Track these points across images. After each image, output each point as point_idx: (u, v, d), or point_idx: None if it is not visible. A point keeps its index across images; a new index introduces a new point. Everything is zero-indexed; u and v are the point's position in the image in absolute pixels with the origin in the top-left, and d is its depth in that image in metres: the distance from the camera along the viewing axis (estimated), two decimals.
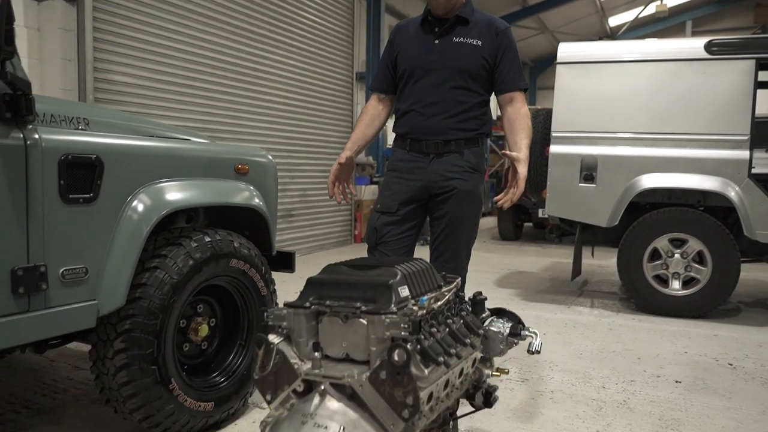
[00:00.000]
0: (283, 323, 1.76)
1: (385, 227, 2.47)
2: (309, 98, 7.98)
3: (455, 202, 2.42)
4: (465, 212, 2.45)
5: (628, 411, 2.72)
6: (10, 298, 1.79)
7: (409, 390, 1.52)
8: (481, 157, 2.48)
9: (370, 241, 2.53)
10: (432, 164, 2.43)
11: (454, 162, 2.41)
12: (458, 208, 2.43)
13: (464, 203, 2.43)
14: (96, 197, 2.02)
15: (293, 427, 1.56)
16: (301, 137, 7.76)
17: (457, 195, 2.42)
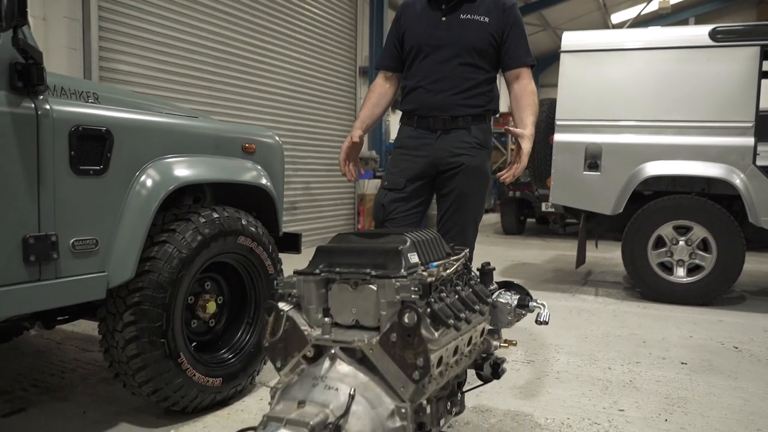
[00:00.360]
0: (293, 290, 1.77)
1: (393, 204, 2.48)
2: (312, 92, 7.99)
3: (462, 178, 2.43)
4: (472, 188, 2.45)
5: (635, 390, 2.72)
6: (21, 266, 1.80)
7: (419, 352, 1.53)
8: (488, 134, 2.49)
9: (377, 217, 2.54)
10: (439, 141, 2.44)
11: (462, 138, 2.42)
12: (466, 184, 2.44)
13: (471, 179, 2.44)
14: (106, 169, 2.03)
15: (304, 389, 1.57)
16: (305, 130, 7.77)
17: (465, 171, 2.43)
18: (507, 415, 2.42)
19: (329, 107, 8.49)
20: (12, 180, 1.78)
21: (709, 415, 2.45)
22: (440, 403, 1.87)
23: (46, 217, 1.86)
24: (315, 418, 1.44)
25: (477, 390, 2.65)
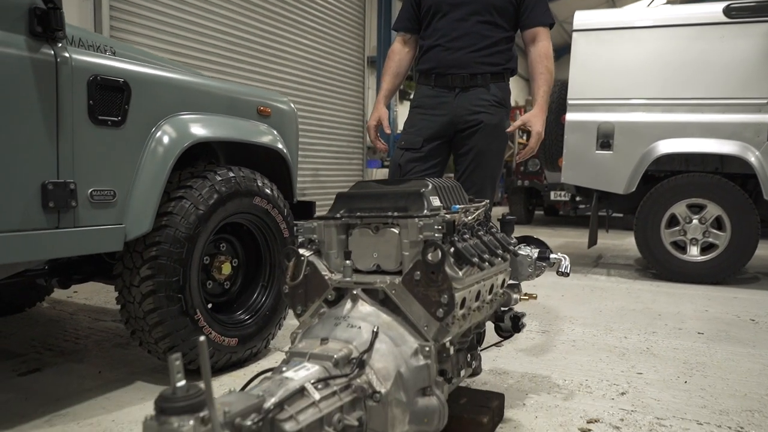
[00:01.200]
0: (313, 236, 1.76)
1: (409, 164, 2.46)
2: (321, 80, 7.98)
3: (481, 136, 2.42)
4: (491, 147, 2.44)
5: (652, 356, 2.69)
6: (40, 212, 1.79)
7: (443, 289, 1.51)
8: (507, 92, 2.48)
9: (394, 177, 2.52)
10: (458, 99, 2.42)
11: (480, 96, 2.41)
12: (484, 143, 2.43)
13: (490, 137, 2.42)
14: (123, 121, 2.02)
15: (326, 329, 1.55)
16: (313, 118, 7.76)
17: (484, 129, 2.41)
18: (524, 377, 2.39)
19: (338, 95, 8.48)
20: (31, 125, 1.77)
21: (729, 378, 2.42)
22: (460, 355, 1.86)
23: (64, 164, 1.85)
24: (339, 353, 1.42)
25: (493, 354, 2.65)
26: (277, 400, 1.21)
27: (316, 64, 7.81)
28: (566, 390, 2.26)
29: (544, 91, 2.46)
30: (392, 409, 1.42)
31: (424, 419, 1.47)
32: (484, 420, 1.78)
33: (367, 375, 1.42)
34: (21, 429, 1.88)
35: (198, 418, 1.03)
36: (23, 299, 3.30)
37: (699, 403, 2.15)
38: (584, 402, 2.14)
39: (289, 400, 1.23)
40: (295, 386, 1.27)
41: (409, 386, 1.46)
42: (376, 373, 1.43)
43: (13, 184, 1.72)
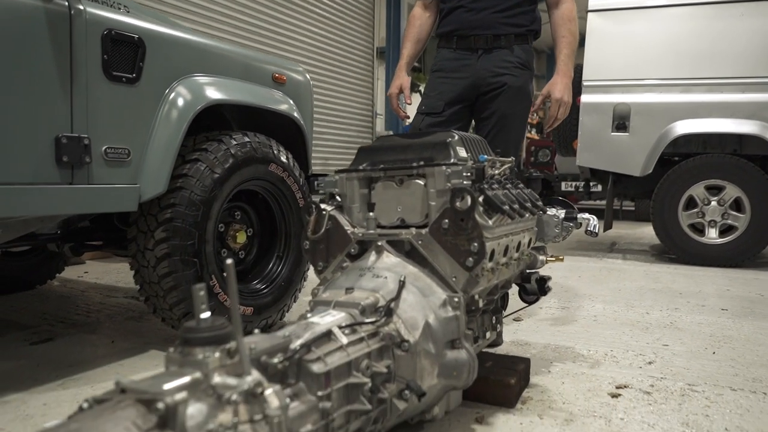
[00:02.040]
0: (335, 189, 1.70)
1: (430, 128, 2.40)
2: (330, 69, 7.92)
3: (505, 99, 2.35)
4: (515, 110, 2.37)
5: (677, 330, 2.62)
6: (54, 166, 1.74)
7: (473, 237, 1.45)
8: (530, 55, 2.41)
9: None
10: (480, 61, 2.35)
11: (504, 57, 2.34)
12: (508, 106, 2.35)
13: (514, 100, 2.35)
14: (138, 79, 1.97)
15: (350, 279, 1.50)
16: (323, 106, 7.70)
17: (507, 92, 2.34)
18: (547, 348, 2.33)
19: (347, 85, 8.41)
20: (45, 78, 1.72)
21: (759, 350, 2.34)
22: (486, 317, 1.80)
23: (78, 119, 1.80)
24: (365, 300, 1.37)
25: (513, 327, 2.59)
26: (303, 341, 1.16)
27: (325, 54, 7.75)
28: (591, 359, 2.19)
29: (566, 55, 2.38)
30: (421, 359, 1.36)
31: (453, 372, 1.41)
32: (511, 381, 1.72)
33: (395, 324, 1.36)
34: (34, 391, 1.83)
35: (224, 350, 0.97)
36: (33, 276, 3.26)
37: (730, 372, 2.08)
38: (611, 370, 2.08)
39: (316, 342, 1.18)
40: (321, 330, 1.22)
41: (438, 338, 1.40)
42: (404, 322, 1.37)
43: (27, 136, 1.68)
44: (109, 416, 0.82)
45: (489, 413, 1.66)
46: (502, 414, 1.67)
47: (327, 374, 1.14)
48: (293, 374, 1.13)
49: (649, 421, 1.64)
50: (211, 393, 0.93)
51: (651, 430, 1.59)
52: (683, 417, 1.67)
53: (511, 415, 1.67)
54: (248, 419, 0.94)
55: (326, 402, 1.13)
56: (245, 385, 0.92)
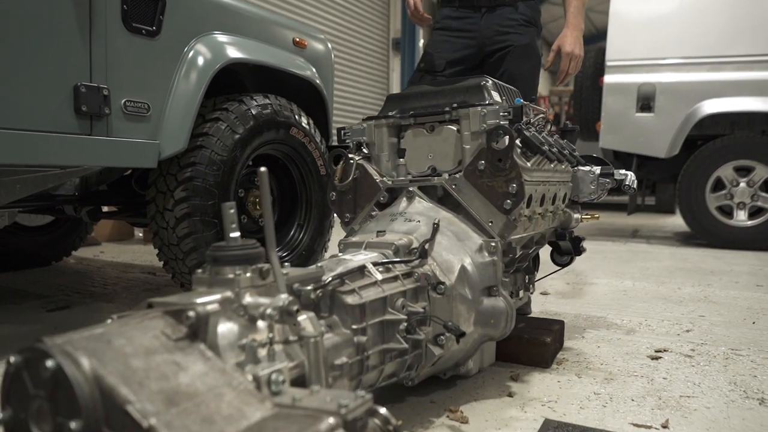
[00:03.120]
0: (363, 138, 1.63)
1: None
2: (346, 60, 7.88)
3: (512, 59, 2.25)
4: (523, 69, 2.26)
5: (712, 303, 2.52)
6: (73, 116, 1.69)
7: (512, 177, 1.37)
8: (536, 12, 2.31)
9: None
10: (484, 19, 2.27)
11: (508, 15, 2.26)
12: (516, 65, 2.25)
13: (521, 59, 2.26)
14: (158, 32, 1.91)
15: (381, 224, 1.43)
16: (338, 96, 7.65)
17: (514, 51, 2.25)
18: (578, 317, 2.24)
19: (363, 76, 8.37)
20: (64, 25, 1.67)
21: None
22: (518, 276, 1.72)
23: (97, 68, 1.75)
24: (399, 241, 1.29)
25: (541, 299, 2.50)
26: (337, 274, 1.09)
27: (340, 45, 7.70)
28: (626, 327, 2.10)
29: (576, 8, 2.26)
30: (457, 304, 1.29)
31: (490, 320, 1.33)
32: (546, 339, 1.64)
33: (430, 266, 1.29)
34: None
35: (256, 269, 0.90)
36: (50, 252, 3.22)
37: None
38: (648, 336, 1.99)
39: (349, 276, 1.11)
40: (355, 265, 1.15)
41: (474, 283, 1.32)
42: (438, 265, 1.30)
43: (45, 82, 1.62)
44: (136, 325, 0.76)
45: (524, 372, 1.58)
46: (538, 373, 1.59)
47: (362, 307, 1.07)
48: (326, 307, 1.07)
49: (695, 380, 1.55)
50: (243, 313, 0.86)
51: (697, 388, 1.50)
52: (730, 377, 1.58)
53: (547, 374, 1.59)
54: (283, 340, 0.87)
55: (361, 336, 1.06)
56: (280, 302, 0.85)
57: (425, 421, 1.28)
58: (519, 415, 1.32)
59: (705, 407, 1.37)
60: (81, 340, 0.69)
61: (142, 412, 0.63)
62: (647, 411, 1.35)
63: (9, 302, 2.41)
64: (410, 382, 1.28)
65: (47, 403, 0.66)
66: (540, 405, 1.37)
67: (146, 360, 0.70)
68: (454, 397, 1.41)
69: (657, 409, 1.36)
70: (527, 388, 1.48)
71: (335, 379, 1.00)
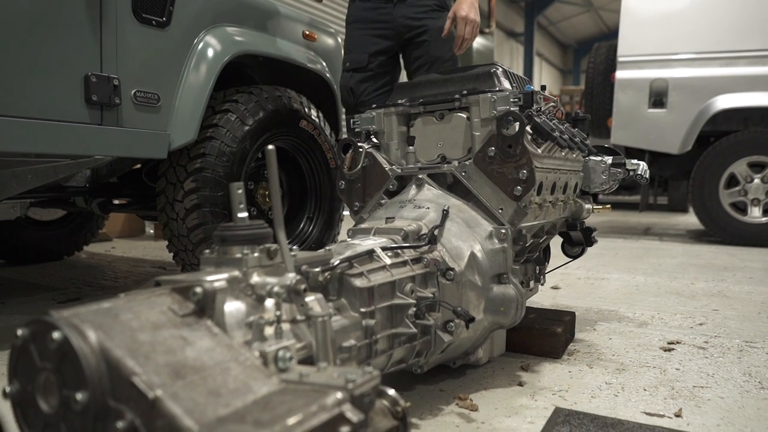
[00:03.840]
0: (372, 126, 1.63)
1: (361, 85, 2.33)
2: None
3: (432, 42, 2.28)
4: (443, 51, 2.29)
5: (726, 298, 2.49)
6: (83, 105, 1.70)
7: (522, 163, 1.36)
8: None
9: (348, 102, 2.37)
10: (397, 8, 2.31)
11: (419, 2, 2.30)
12: (436, 48, 2.29)
13: (439, 42, 2.27)
14: (168, 23, 1.92)
15: (390, 211, 1.42)
16: None
17: (431, 34, 2.28)
18: (589, 310, 2.22)
19: None
20: (74, 15, 1.67)
21: None
22: (529, 266, 1.71)
23: (108, 58, 1.75)
24: (408, 227, 1.29)
25: (551, 294, 2.48)
26: (345, 257, 1.08)
27: None
28: (638, 321, 2.08)
29: None
30: (466, 291, 1.28)
31: (500, 308, 1.32)
32: (557, 330, 1.62)
33: (440, 252, 1.28)
34: None
35: (264, 249, 0.90)
36: (61, 247, 3.25)
37: None
38: (660, 329, 1.96)
39: (358, 260, 1.10)
40: (364, 249, 1.14)
41: (484, 270, 1.31)
42: (448, 251, 1.29)
43: (56, 71, 1.63)
44: (143, 301, 0.76)
45: (535, 362, 1.57)
46: (549, 363, 1.57)
47: (370, 290, 1.06)
48: (334, 290, 1.06)
49: (708, 371, 1.53)
50: (250, 293, 0.86)
51: (711, 378, 1.47)
52: (744, 368, 1.56)
53: (558, 364, 1.57)
54: (290, 319, 0.87)
55: (369, 320, 1.05)
56: (287, 281, 0.85)
57: (434, 408, 1.27)
58: (529, 403, 1.30)
59: (719, 397, 1.35)
60: (88, 313, 0.68)
61: (148, 383, 0.62)
62: (660, 400, 1.33)
63: (21, 295, 2.43)
64: (419, 369, 1.27)
65: (54, 376, 0.66)
66: (551, 394, 1.36)
67: (153, 334, 0.70)
68: (463, 385, 1.40)
69: (670, 399, 1.34)
70: (538, 378, 1.46)
71: (343, 362, 0.99)
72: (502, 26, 15.22)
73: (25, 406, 0.69)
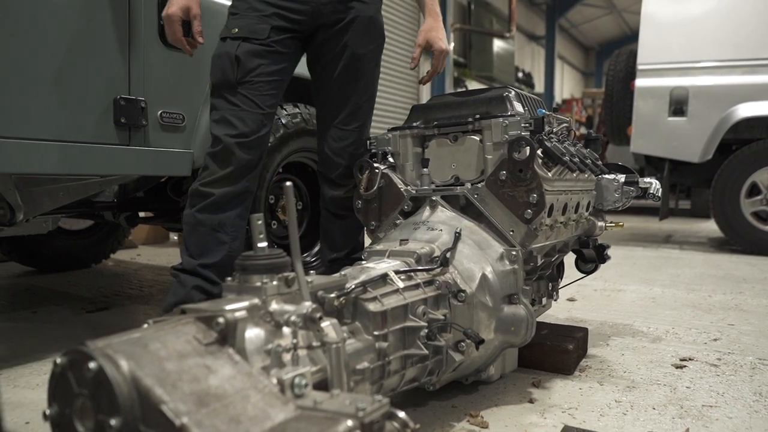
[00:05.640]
0: (388, 148, 1.68)
1: (253, 59, 1.67)
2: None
3: (355, 33, 1.80)
4: (367, 49, 1.83)
5: (742, 312, 2.49)
6: (112, 127, 1.78)
7: (532, 187, 1.40)
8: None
9: (227, 76, 1.66)
10: None
11: None
12: (359, 42, 1.80)
13: (366, 36, 1.82)
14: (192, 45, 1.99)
15: (405, 232, 1.47)
16: None
17: (359, 23, 1.80)
18: (603, 324, 2.25)
19: (392, 78, 8.42)
20: (105, 41, 1.75)
21: None
22: (542, 283, 1.74)
23: (136, 82, 1.83)
24: (421, 249, 1.34)
25: (567, 306, 2.51)
26: (360, 281, 1.13)
27: None
28: (652, 335, 2.10)
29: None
30: (477, 312, 1.32)
31: (510, 328, 1.36)
32: (569, 347, 1.66)
33: (451, 274, 1.32)
34: None
35: (282, 278, 0.96)
36: (89, 255, 3.35)
37: None
38: (673, 345, 1.98)
39: (372, 284, 1.15)
40: (377, 273, 1.19)
41: (495, 291, 1.35)
42: (460, 273, 1.33)
43: (88, 96, 1.71)
44: (170, 330, 0.82)
45: (546, 379, 1.61)
46: (560, 380, 1.61)
47: (383, 314, 1.11)
48: (349, 314, 1.11)
49: (718, 390, 1.55)
50: (269, 319, 0.91)
51: (720, 398, 1.50)
52: (755, 387, 1.57)
53: (569, 380, 1.61)
54: (306, 345, 0.92)
55: (383, 342, 1.10)
56: (304, 309, 0.90)
57: (446, 425, 1.31)
58: (539, 421, 1.34)
59: (727, 417, 1.38)
60: (120, 343, 0.75)
61: (175, 411, 0.68)
62: (668, 420, 1.36)
63: (52, 303, 2.53)
64: (431, 387, 1.32)
65: (90, 401, 0.72)
66: (560, 411, 1.39)
67: (179, 363, 0.76)
68: (475, 402, 1.44)
69: (678, 418, 1.36)
70: (548, 395, 1.50)
71: (357, 383, 1.04)
72: (523, 29, 15.18)
73: (63, 428, 0.75)
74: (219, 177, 1.68)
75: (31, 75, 1.58)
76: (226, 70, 1.67)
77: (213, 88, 1.72)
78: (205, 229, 1.69)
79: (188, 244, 1.72)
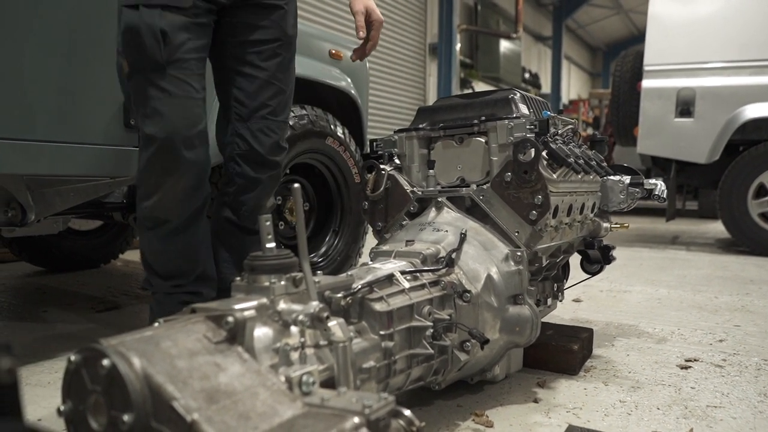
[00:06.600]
0: (394, 149, 1.69)
1: (179, 33, 1.41)
2: (383, 65, 7.96)
3: (285, 15, 1.62)
4: (293, 31, 1.66)
5: (749, 313, 2.49)
6: (122, 130, 1.80)
7: (537, 188, 1.41)
8: None
9: (153, 54, 1.38)
10: None
11: None
12: (289, 25, 1.63)
13: (294, 18, 1.66)
14: None
15: (410, 233, 1.48)
16: (375, 101, 7.74)
17: (290, 4, 1.64)
18: (609, 325, 2.25)
19: (399, 81, 8.44)
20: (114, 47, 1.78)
21: None
22: (547, 284, 1.75)
23: None
24: (426, 250, 1.35)
25: (572, 307, 2.51)
26: (366, 282, 1.15)
27: (377, 51, 7.79)
28: (657, 336, 2.10)
29: None
30: (483, 312, 1.33)
31: (515, 328, 1.37)
32: (573, 347, 1.67)
33: (456, 274, 1.34)
34: None
35: (290, 278, 0.97)
36: (98, 255, 3.38)
37: None
38: (679, 345, 1.99)
39: (378, 284, 1.17)
40: (383, 273, 1.21)
41: (500, 291, 1.37)
42: (465, 274, 1.35)
43: (98, 100, 1.74)
44: (180, 329, 0.84)
45: (551, 379, 1.62)
46: (565, 380, 1.62)
47: (389, 314, 1.13)
48: (355, 314, 1.13)
49: (723, 391, 1.56)
50: (277, 319, 0.93)
51: (725, 398, 1.50)
52: (760, 388, 1.58)
53: (574, 381, 1.62)
54: (313, 344, 0.94)
55: (388, 341, 1.12)
56: (311, 309, 0.92)
57: (451, 423, 1.33)
58: (543, 420, 1.35)
59: (731, 417, 1.38)
60: (133, 341, 0.77)
61: (186, 408, 0.70)
62: (672, 420, 1.36)
63: (62, 303, 2.56)
64: (437, 386, 1.33)
65: (103, 398, 0.74)
66: (565, 411, 1.40)
67: (190, 361, 0.78)
68: (480, 401, 1.45)
69: (682, 419, 1.37)
70: (553, 395, 1.51)
71: (363, 382, 1.06)
72: (530, 30, 15.16)
73: (77, 423, 0.77)
74: (168, 189, 1.44)
75: (42, 78, 1.61)
76: (149, 47, 1.38)
77: (131, 70, 1.42)
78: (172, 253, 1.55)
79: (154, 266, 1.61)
